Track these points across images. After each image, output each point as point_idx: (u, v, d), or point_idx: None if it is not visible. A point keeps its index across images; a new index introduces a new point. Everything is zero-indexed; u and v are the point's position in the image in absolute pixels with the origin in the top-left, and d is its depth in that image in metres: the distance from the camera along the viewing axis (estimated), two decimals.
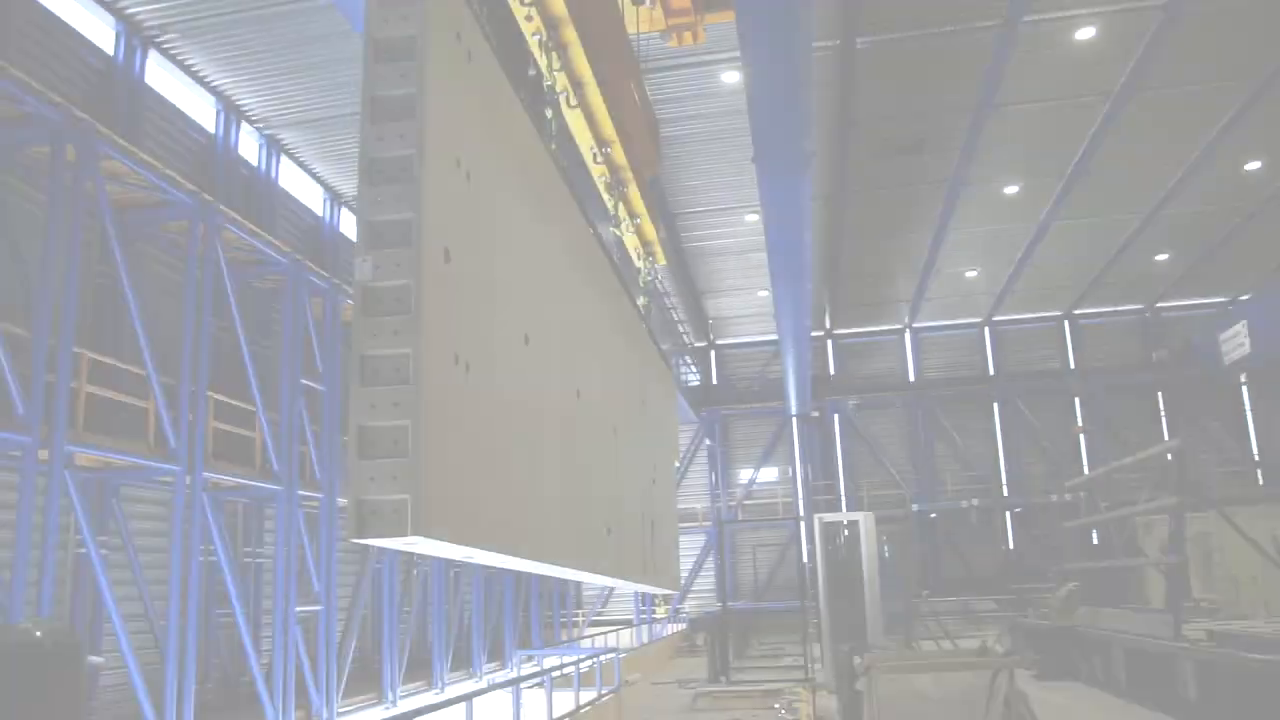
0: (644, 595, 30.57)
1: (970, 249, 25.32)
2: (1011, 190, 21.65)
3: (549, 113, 5.67)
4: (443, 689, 18.06)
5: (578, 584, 31.52)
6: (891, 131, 18.98)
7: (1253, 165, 21.29)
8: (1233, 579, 21.21)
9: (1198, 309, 30.96)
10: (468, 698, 8.69)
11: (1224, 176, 21.66)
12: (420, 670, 19.33)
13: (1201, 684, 10.77)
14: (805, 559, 19.58)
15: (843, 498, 30.56)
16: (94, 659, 3.67)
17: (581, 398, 5.23)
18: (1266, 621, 14.78)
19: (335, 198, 19.52)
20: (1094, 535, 22.72)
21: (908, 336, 32.03)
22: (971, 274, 27.30)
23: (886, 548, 19.51)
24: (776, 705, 13.45)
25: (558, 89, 5.97)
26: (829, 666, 14.52)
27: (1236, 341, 26.18)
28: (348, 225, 20.41)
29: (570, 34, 5.90)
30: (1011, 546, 29.83)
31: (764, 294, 27.51)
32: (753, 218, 22.42)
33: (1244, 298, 29.38)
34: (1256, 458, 30.15)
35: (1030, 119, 18.55)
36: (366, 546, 17.86)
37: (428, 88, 3.33)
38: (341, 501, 15.60)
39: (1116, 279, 28.14)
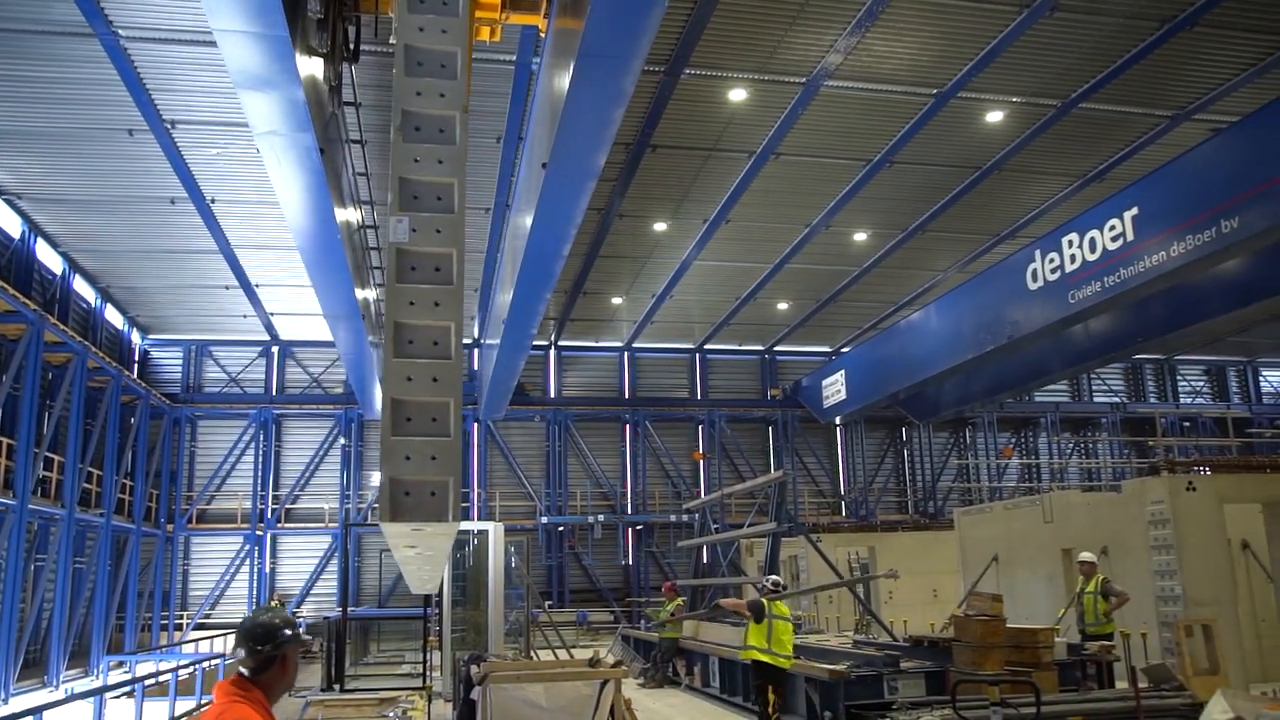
0: (257, 596, 28.82)
1: (617, 277, 26.61)
2: (660, 227, 23.06)
3: None
4: (7, 700, 15.84)
5: (185, 583, 29.09)
6: None
7: (860, 236, 24.32)
8: (815, 598, 23.90)
9: (808, 356, 34.72)
10: (38, 710, 7.72)
11: (837, 241, 24.52)
12: None
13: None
14: None
15: (475, 506, 30.71)
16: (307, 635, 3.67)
17: None
18: (837, 635, 16.79)
19: None
20: (704, 553, 24.60)
21: (553, 354, 32.96)
22: (617, 301, 28.69)
23: (514, 558, 19.84)
24: (390, 714, 13.18)
25: None
26: (447, 675, 14.49)
27: (835, 389, 29.70)
28: None
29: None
30: (631, 561, 31.53)
31: None
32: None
33: (845, 350, 33.42)
34: (843, 493, 34.24)
35: (682, 163, 19.89)
36: None
37: (465, 46, 3.11)
38: None
39: (743, 321, 30.83)
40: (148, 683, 10.66)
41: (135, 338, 29.32)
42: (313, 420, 30.96)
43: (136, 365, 29.23)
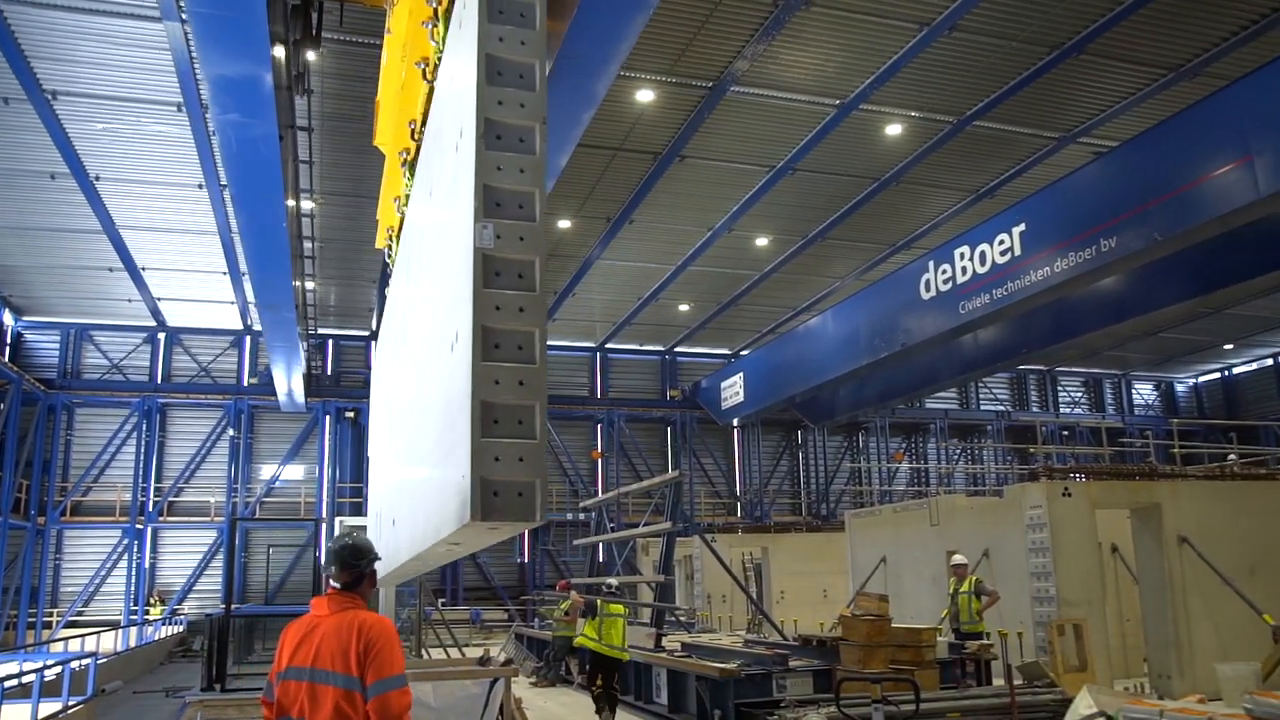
0: (135, 593, 27.69)
1: None
2: (564, 224, 22.99)
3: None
4: None
5: (56, 578, 27.78)
6: None
7: (761, 241, 24.69)
8: (709, 597, 24.19)
9: (707, 358, 35.07)
10: None
11: (739, 246, 24.85)
12: None
13: (672, 688, 12.06)
14: (323, 562, 18.97)
15: (369, 502, 30.05)
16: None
17: None
18: (730, 634, 16.99)
19: None
20: (600, 552, 24.64)
21: None
22: None
23: None
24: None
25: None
26: None
27: (734, 391, 30.07)
28: None
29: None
30: (526, 560, 31.36)
31: (312, 286, 26.45)
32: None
33: (744, 353, 33.88)
34: (739, 494, 34.70)
35: (588, 161, 19.86)
36: None
37: (543, 59, 3.18)
38: None
39: (644, 321, 30.96)
40: (9, 684, 10.12)
41: (8, 319, 27.86)
42: (200, 410, 29.91)
43: (8, 348, 27.78)
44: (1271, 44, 15.72)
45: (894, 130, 19.11)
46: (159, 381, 29.53)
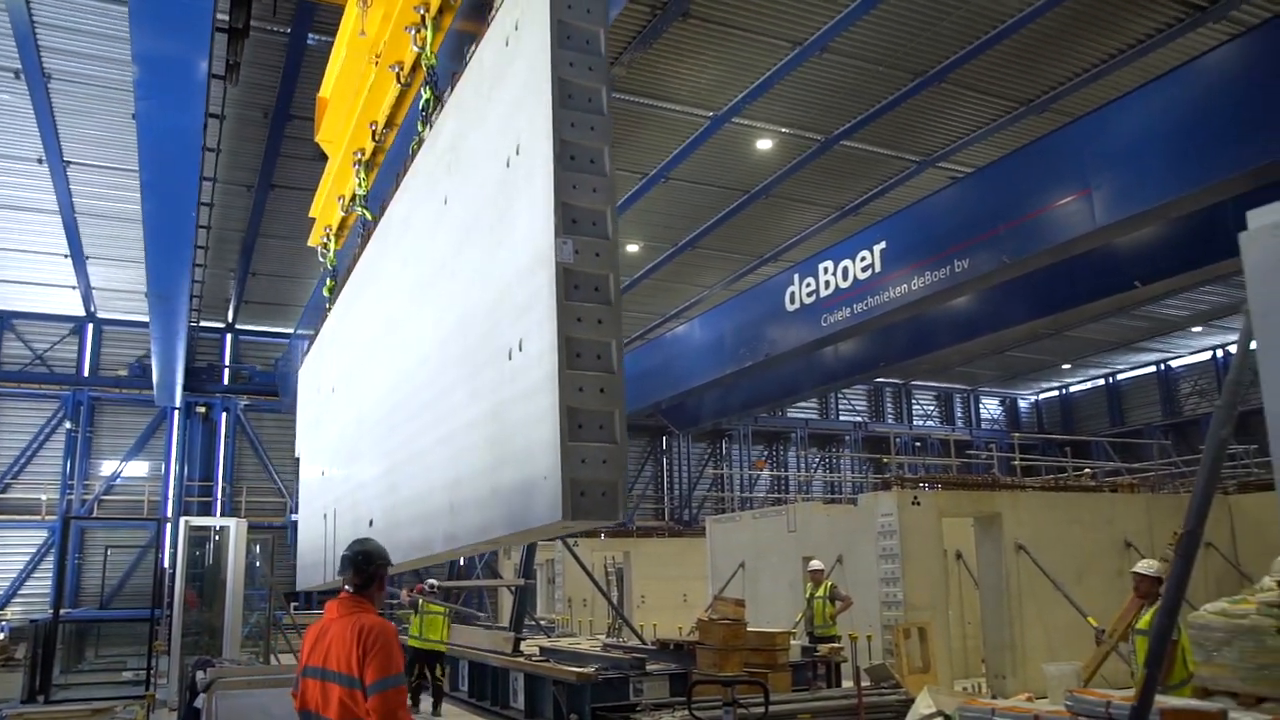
0: None
1: None
2: None
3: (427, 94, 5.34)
4: None
5: None
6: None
7: (632, 247, 24.85)
8: (570, 601, 24.18)
9: None
10: None
11: None
12: None
13: (528, 693, 11.99)
14: (166, 564, 18.08)
15: (219, 501, 28.85)
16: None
17: None
18: (589, 638, 17.01)
19: None
20: (461, 557, 24.27)
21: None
22: None
23: (259, 559, 18.80)
24: None
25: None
26: (174, 681, 13.53)
27: None
28: None
29: (449, 18, 5.39)
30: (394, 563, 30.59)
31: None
32: None
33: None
34: None
35: None
36: None
37: (609, 84, 3.39)
38: None
39: None
40: None
41: None
42: (32, 401, 28.03)
43: None
44: (1111, 85, 16.79)
45: (764, 145, 19.54)
46: None
